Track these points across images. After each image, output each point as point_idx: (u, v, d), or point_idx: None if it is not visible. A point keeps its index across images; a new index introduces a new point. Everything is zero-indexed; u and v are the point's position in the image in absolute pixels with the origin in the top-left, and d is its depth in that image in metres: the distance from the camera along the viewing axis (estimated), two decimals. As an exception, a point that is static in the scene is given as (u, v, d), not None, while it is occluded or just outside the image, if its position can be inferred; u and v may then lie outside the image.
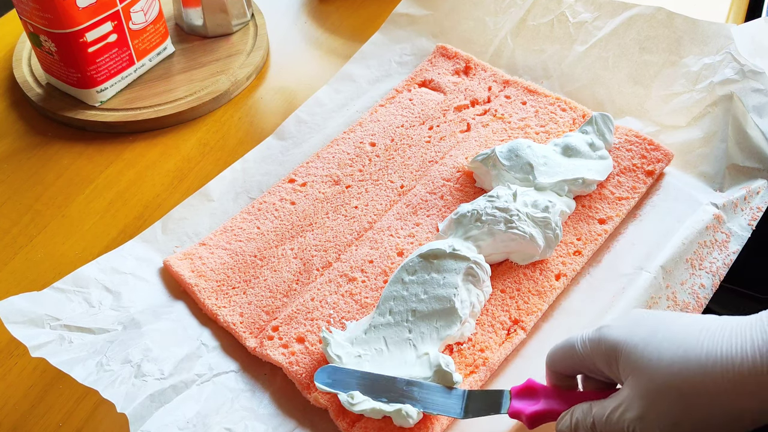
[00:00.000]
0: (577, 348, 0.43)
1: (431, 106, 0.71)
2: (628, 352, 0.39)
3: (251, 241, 0.60)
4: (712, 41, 0.68)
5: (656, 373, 0.37)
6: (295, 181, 0.65)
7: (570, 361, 0.44)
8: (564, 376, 0.45)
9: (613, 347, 0.40)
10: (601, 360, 0.41)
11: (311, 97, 0.72)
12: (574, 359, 0.43)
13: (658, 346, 0.38)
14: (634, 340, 0.39)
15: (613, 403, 0.40)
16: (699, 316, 0.39)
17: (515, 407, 0.46)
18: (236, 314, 0.55)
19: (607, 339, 0.40)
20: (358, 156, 0.66)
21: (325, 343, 0.50)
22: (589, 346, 0.42)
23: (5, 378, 0.54)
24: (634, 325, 0.40)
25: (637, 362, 0.38)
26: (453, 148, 0.67)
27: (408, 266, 0.54)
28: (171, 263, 0.58)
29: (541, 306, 0.55)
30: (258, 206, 0.63)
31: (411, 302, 0.52)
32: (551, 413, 0.44)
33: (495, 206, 0.57)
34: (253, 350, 0.53)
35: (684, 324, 0.38)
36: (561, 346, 0.44)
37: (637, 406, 0.38)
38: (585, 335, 0.42)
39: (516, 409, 0.45)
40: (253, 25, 0.82)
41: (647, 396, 0.37)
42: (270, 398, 0.51)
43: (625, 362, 0.39)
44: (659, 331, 0.39)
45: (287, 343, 0.53)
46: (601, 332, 0.41)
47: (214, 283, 0.57)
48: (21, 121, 0.73)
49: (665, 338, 0.38)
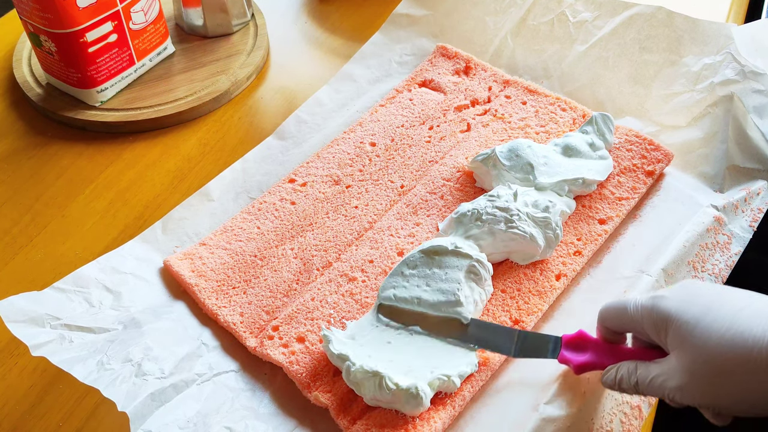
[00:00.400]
0: (629, 310, 0.44)
1: (431, 106, 0.71)
2: (678, 327, 0.40)
3: (251, 241, 0.60)
4: (712, 41, 0.68)
5: (702, 351, 0.39)
6: (295, 181, 0.65)
7: (620, 321, 0.45)
8: (613, 331, 0.47)
9: (665, 319, 0.41)
10: (651, 327, 0.42)
11: (311, 96, 0.72)
12: (624, 320, 0.45)
13: (707, 327, 0.39)
14: (686, 317, 0.40)
15: (658, 369, 0.42)
16: (752, 299, 0.40)
17: (565, 355, 0.48)
18: (236, 314, 0.55)
19: (661, 310, 0.42)
20: (358, 156, 0.66)
21: (326, 341, 0.50)
22: (641, 312, 0.43)
23: (5, 378, 0.54)
24: (688, 300, 0.41)
25: (685, 338, 0.40)
26: (453, 148, 0.67)
27: (409, 260, 0.54)
28: (171, 263, 0.58)
29: (542, 306, 0.55)
30: (258, 206, 0.63)
31: (413, 291, 0.53)
32: (597, 365, 0.47)
33: (495, 206, 0.57)
34: (253, 350, 0.53)
35: (736, 308, 0.39)
36: (614, 306, 0.46)
37: (680, 377, 0.40)
38: (639, 301, 0.43)
39: (565, 357, 0.48)
40: (253, 25, 0.83)
41: (690, 371, 0.39)
42: (270, 398, 0.51)
43: (674, 335, 0.41)
44: (711, 310, 0.39)
45: (287, 342, 0.53)
46: (656, 302, 0.42)
47: (214, 283, 0.57)
48: (21, 121, 0.73)
49: (715, 320, 0.39)
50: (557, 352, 0.49)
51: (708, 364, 0.38)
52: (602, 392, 0.49)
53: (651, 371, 0.42)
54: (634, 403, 0.49)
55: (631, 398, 0.49)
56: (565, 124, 0.67)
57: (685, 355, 0.40)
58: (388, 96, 0.72)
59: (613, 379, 0.45)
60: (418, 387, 0.47)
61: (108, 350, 0.50)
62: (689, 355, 0.39)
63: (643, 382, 0.42)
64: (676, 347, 0.40)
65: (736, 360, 0.37)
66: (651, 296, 0.43)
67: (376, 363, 0.48)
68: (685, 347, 0.40)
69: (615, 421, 0.48)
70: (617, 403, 0.48)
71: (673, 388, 0.40)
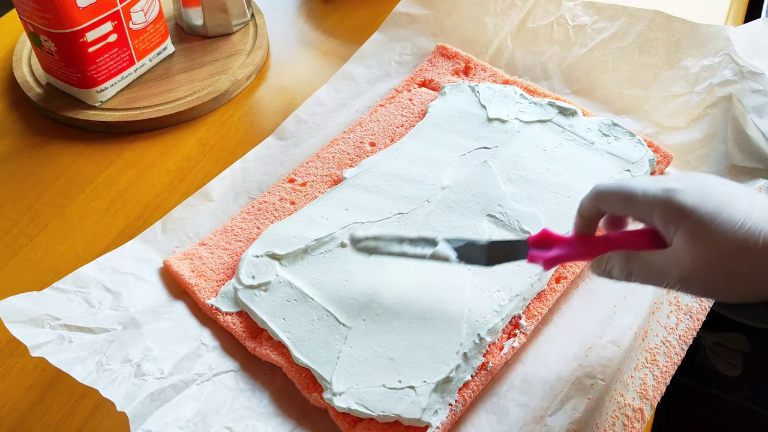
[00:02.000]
0: (637, 196, 0.43)
1: (431, 106, 0.71)
2: (694, 221, 0.40)
3: (251, 241, 0.60)
4: (710, 43, 0.68)
5: (715, 246, 0.39)
6: (295, 180, 0.65)
7: (624, 204, 0.44)
8: (590, 220, 0.47)
9: (679, 213, 0.41)
10: (660, 217, 0.42)
11: (311, 96, 0.72)
12: (628, 203, 0.44)
13: (723, 223, 0.39)
14: (702, 212, 0.40)
15: (660, 259, 0.42)
16: (757, 198, 0.41)
17: (533, 253, 0.48)
18: (235, 314, 0.55)
19: (676, 203, 0.41)
20: (357, 156, 0.66)
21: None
22: (651, 201, 0.43)
23: (5, 378, 0.54)
24: (704, 196, 0.41)
25: (699, 232, 0.40)
26: None
27: None
28: (171, 263, 0.58)
29: (542, 309, 0.55)
30: (258, 206, 0.63)
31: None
32: (565, 257, 0.47)
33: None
34: (252, 350, 0.53)
35: (749, 205, 0.40)
36: (619, 189, 0.45)
37: (684, 268, 0.41)
38: (650, 189, 0.43)
39: (534, 255, 0.48)
40: (253, 25, 0.83)
41: (698, 263, 0.40)
42: (270, 398, 0.51)
43: (687, 228, 0.41)
44: (726, 207, 0.40)
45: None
46: (671, 194, 0.42)
47: (214, 282, 0.57)
48: (21, 121, 0.73)
49: (730, 217, 0.39)
50: (525, 252, 0.48)
51: (719, 259, 0.39)
52: (605, 395, 0.49)
53: (651, 261, 0.43)
54: (636, 405, 0.48)
55: (632, 401, 0.49)
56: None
57: (695, 248, 0.40)
58: (388, 96, 0.72)
59: (603, 268, 0.46)
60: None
61: (107, 351, 0.50)
62: (700, 248, 0.40)
63: (639, 271, 0.43)
64: (687, 239, 0.41)
65: (748, 255, 0.38)
66: (664, 188, 0.42)
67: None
68: (697, 240, 0.40)
69: (618, 423, 0.48)
70: (619, 406, 0.48)
71: (674, 277, 0.41)
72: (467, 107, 0.68)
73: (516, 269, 0.55)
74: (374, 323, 0.52)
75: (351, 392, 0.49)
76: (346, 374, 0.50)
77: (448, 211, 0.59)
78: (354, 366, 0.50)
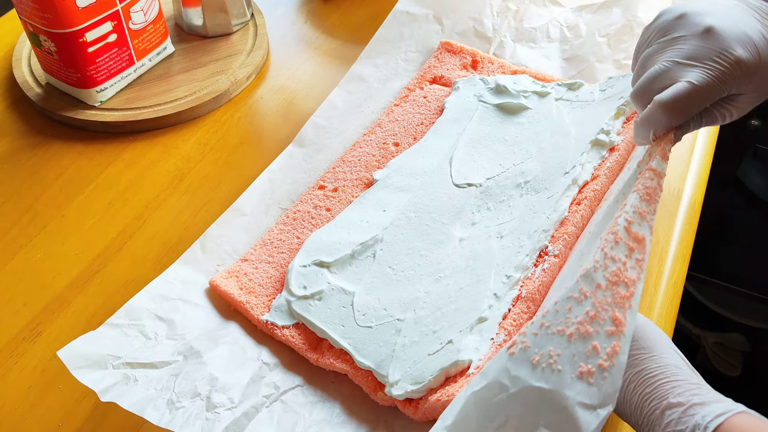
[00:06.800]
0: (718, 87, 0.43)
1: (446, 101, 0.71)
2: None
3: (293, 252, 0.59)
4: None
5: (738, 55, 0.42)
6: (325, 187, 0.64)
7: (714, 94, 0.44)
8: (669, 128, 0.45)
9: (754, 70, 0.43)
10: (740, 84, 0.44)
11: (324, 100, 0.71)
12: (718, 92, 0.43)
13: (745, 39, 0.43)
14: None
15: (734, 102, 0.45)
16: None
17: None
18: (292, 327, 0.54)
19: (750, 65, 0.43)
20: (384, 157, 0.66)
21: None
22: (730, 77, 0.43)
23: (5, 378, 0.54)
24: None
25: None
26: None
27: None
28: (218, 283, 0.56)
29: (568, 230, 0.55)
30: (293, 216, 0.62)
31: None
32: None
33: None
34: (315, 361, 0.53)
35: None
36: (696, 88, 0.42)
37: (749, 104, 0.45)
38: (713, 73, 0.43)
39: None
40: (253, 25, 0.83)
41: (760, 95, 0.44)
42: (341, 406, 0.51)
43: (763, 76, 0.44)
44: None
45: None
46: (741, 58, 0.43)
47: (264, 298, 0.56)
48: (21, 121, 0.73)
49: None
50: None
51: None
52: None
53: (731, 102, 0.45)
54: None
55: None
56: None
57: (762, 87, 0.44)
58: (401, 95, 0.72)
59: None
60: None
61: (175, 386, 0.49)
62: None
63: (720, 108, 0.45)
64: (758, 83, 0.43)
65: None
66: (727, 61, 0.42)
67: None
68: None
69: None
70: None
71: (736, 109, 0.45)
72: (482, 98, 0.69)
73: (533, 211, 0.57)
74: (423, 310, 0.53)
75: (405, 377, 0.49)
76: (399, 364, 0.50)
77: (488, 199, 0.60)
78: (405, 352, 0.51)
